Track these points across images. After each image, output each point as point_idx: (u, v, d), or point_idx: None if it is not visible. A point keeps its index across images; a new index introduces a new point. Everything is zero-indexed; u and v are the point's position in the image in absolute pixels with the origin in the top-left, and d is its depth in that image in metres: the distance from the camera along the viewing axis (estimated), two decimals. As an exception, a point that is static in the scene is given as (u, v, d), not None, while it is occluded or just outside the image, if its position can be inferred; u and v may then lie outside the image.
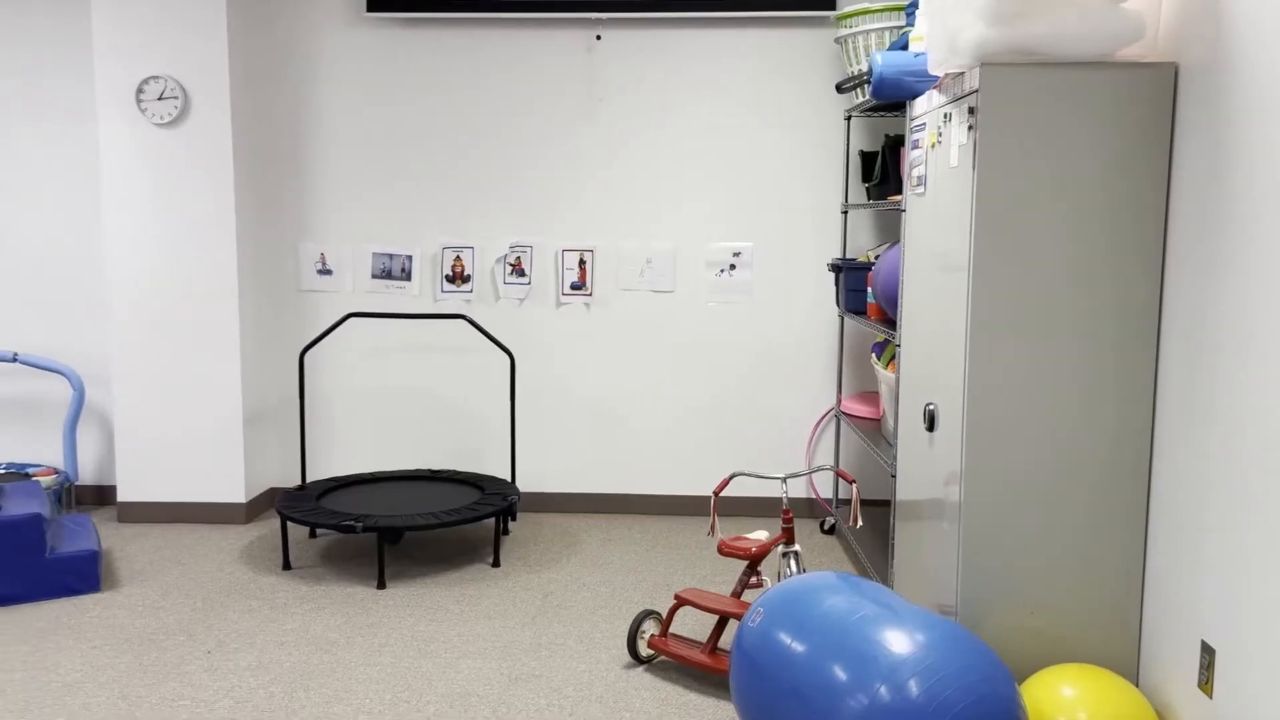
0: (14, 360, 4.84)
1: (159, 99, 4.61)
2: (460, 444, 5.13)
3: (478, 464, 5.13)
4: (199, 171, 4.68)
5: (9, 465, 4.95)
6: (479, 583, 4.11)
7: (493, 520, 4.78)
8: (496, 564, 4.31)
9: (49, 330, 5.10)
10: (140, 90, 4.61)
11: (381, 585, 4.04)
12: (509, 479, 5.05)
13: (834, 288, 4.90)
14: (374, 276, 5.06)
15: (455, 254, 5.03)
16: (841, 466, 5.01)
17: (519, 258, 5.02)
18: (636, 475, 5.11)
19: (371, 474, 4.76)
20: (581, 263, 5.01)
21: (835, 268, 4.61)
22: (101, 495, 5.20)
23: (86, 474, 5.19)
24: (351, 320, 5.06)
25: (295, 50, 4.94)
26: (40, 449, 5.17)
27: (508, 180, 4.99)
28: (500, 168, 4.98)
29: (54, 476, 4.81)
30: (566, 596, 3.98)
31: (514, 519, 4.92)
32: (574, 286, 5.03)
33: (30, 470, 4.86)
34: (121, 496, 4.87)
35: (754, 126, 4.90)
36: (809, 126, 4.89)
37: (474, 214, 5.01)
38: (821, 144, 4.89)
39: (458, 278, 5.04)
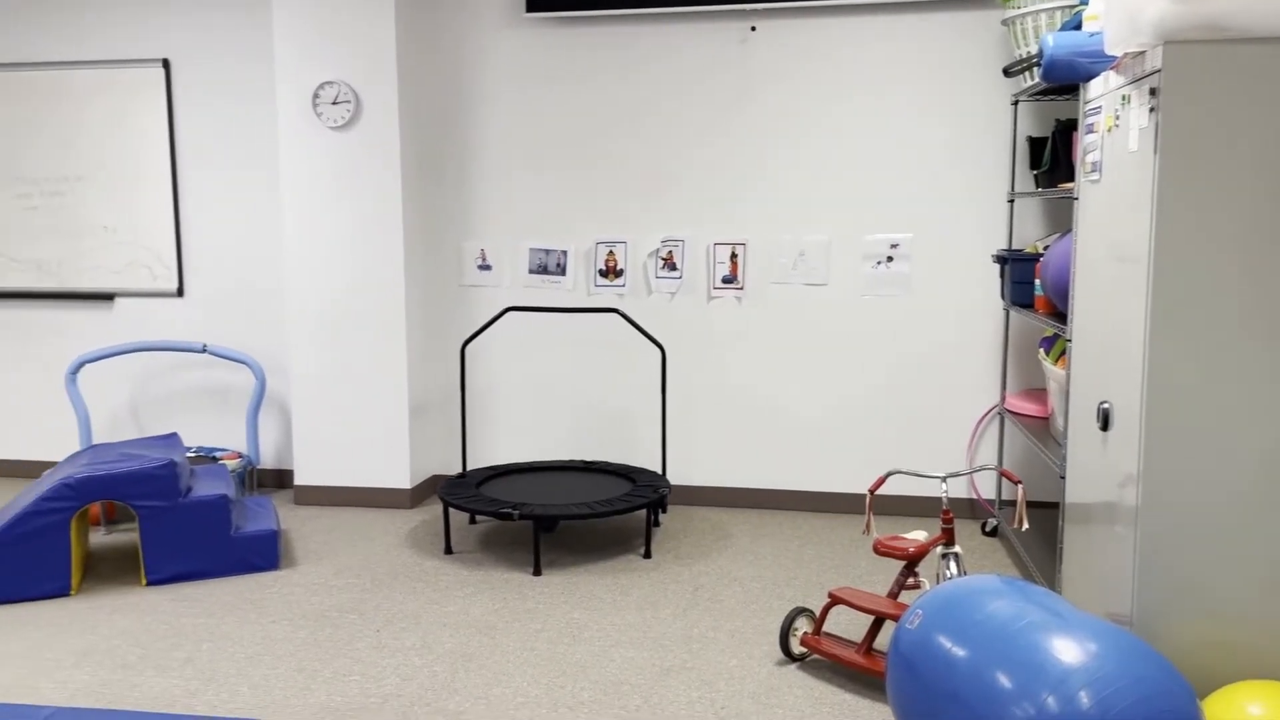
0: (204, 351, 5.20)
1: (333, 103, 4.86)
2: (612, 436, 5.20)
3: (629, 456, 5.19)
4: (369, 172, 4.90)
5: (199, 449, 5.32)
6: (630, 573, 4.16)
7: (644, 512, 4.83)
8: (648, 555, 4.35)
9: (235, 323, 5.45)
10: (316, 95, 4.86)
11: (537, 572, 4.15)
12: (660, 471, 5.08)
13: (999, 280, 4.71)
14: (531, 271, 5.18)
15: (608, 249, 5.10)
16: (1006, 466, 4.82)
17: (670, 252, 5.04)
18: (788, 470, 5.06)
19: (527, 463, 4.88)
20: (733, 256, 4.99)
21: (1001, 259, 4.43)
22: (280, 478, 5.52)
23: (267, 458, 5.53)
24: (509, 314, 5.20)
25: (457, 53, 5.11)
26: (226, 434, 5.54)
27: (660, 175, 5.02)
28: (653, 162, 5.02)
29: (238, 460, 5.14)
30: (718, 590, 3.98)
31: (664, 511, 4.96)
32: (725, 280, 5.01)
33: (217, 454, 5.21)
34: (298, 480, 5.16)
35: (913, 114, 4.77)
36: (972, 112, 4.72)
37: (627, 209, 5.07)
38: (986, 130, 4.71)
39: (610, 272, 5.11)
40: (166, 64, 5.29)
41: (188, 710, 3.00)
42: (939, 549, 3.32)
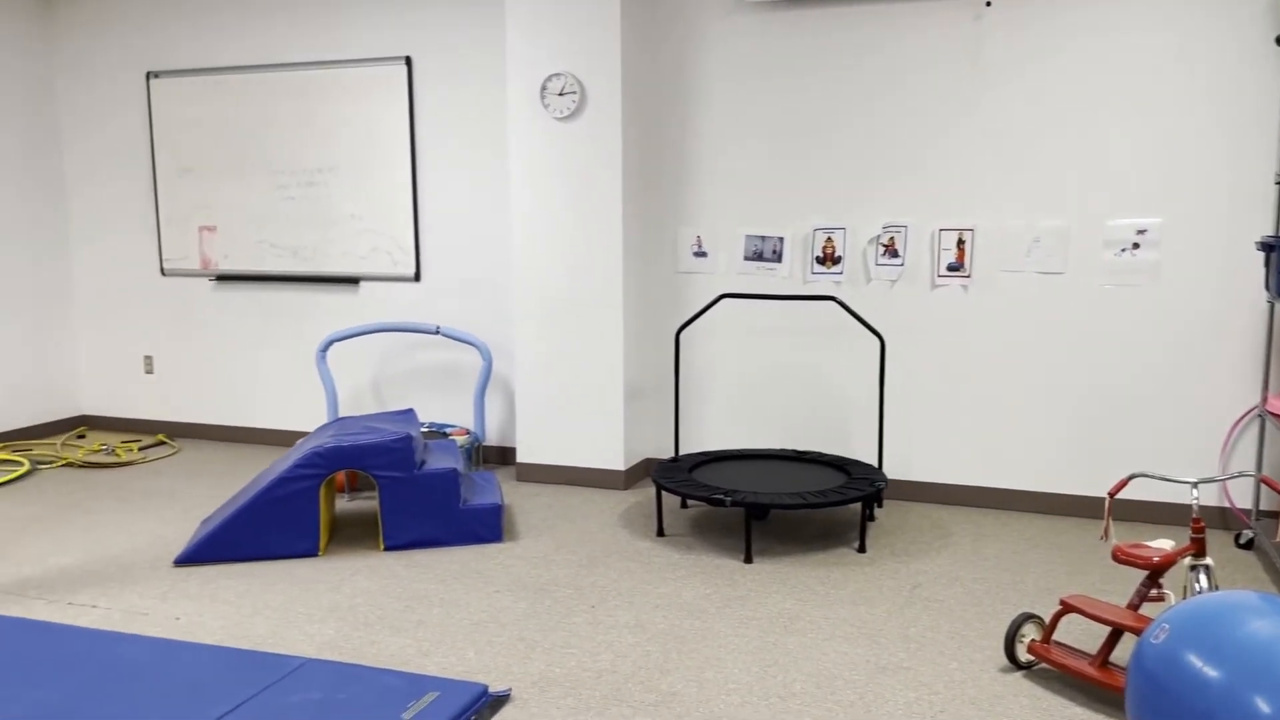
0: (436, 333, 5.50)
1: (559, 94, 5.01)
2: (826, 426, 5.11)
3: (844, 447, 5.09)
4: (592, 161, 5.03)
5: (431, 424, 5.64)
6: (844, 566, 4.07)
7: (858, 505, 4.72)
8: (862, 549, 4.25)
9: (465, 307, 5.74)
10: (544, 87, 5.03)
11: (748, 559, 4.14)
12: (876, 464, 4.95)
13: (1263, 269, 4.28)
14: (746, 258, 5.16)
15: (826, 235, 5.00)
16: (1267, 473, 4.38)
17: (892, 238, 4.88)
18: (1014, 469, 4.80)
19: (740, 450, 4.88)
20: (960, 243, 4.78)
21: (1266, 246, 4.02)
22: (504, 455, 5.78)
23: (492, 435, 5.80)
24: (724, 300, 5.20)
25: (678, 41, 5.15)
26: (456, 411, 5.85)
27: (882, 160, 4.87)
28: (874, 148, 4.87)
29: (466, 436, 5.42)
30: (937, 589, 3.83)
31: (880, 505, 4.82)
32: (951, 268, 4.81)
33: (447, 430, 5.50)
34: (520, 458, 5.38)
35: (1167, 91, 4.40)
36: (1232, 89, 4.30)
37: (846, 195, 4.95)
38: (1249, 108, 4.28)
39: (828, 259, 5.01)
40: (409, 61, 5.62)
41: (420, 669, 3.19)
42: (1187, 560, 3.06)
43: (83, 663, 3.17)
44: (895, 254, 4.89)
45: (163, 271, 6.38)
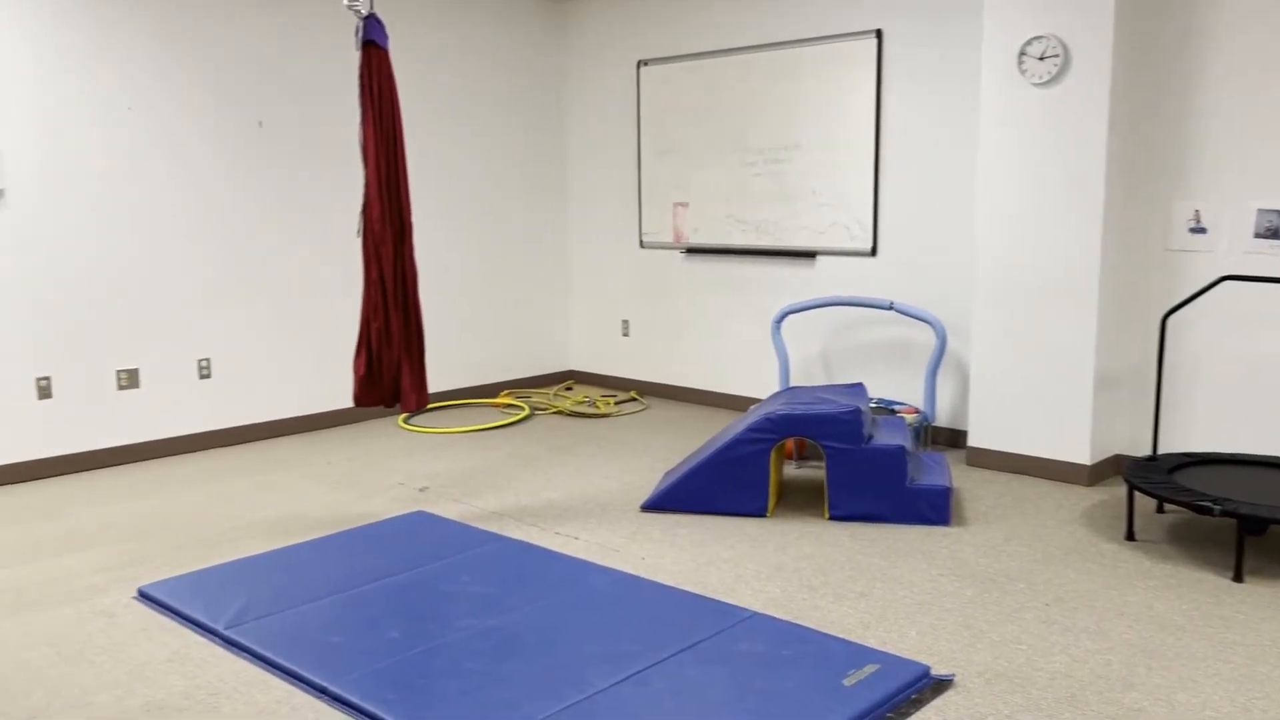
0: (890, 308, 5.45)
1: (1040, 59, 4.69)
2: (1353, 436, 4.31)
3: (1376, 462, 4.27)
4: (1070, 130, 4.66)
5: (879, 400, 5.62)
6: (1368, 603, 3.43)
7: (1392, 533, 3.94)
8: (1395, 586, 3.55)
9: (921, 283, 5.63)
10: (1023, 51, 4.74)
11: (1238, 578, 3.63)
12: None
13: None
14: (1257, 236, 4.49)
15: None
16: None
17: None
18: None
19: (1235, 455, 4.28)
20: None
21: None
22: (954, 438, 5.60)
23: (942, 416, 5.64)
24: (1225, 284, 4.58)
25: (1185, -10, 4.58)
26: (905, 389, 5.77)
27: None
28: None
29: (915, 415, 5.33)
30: None
31: None
32: None
33: (896, 407, 5.45)
34: (971, 441, 5.18)
35: None
36: None
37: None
38: None
39: (1367, 238, 4.20)
40: (879, 34, 5.59)
41: (860, 640, 3.22)
42: None
43: (568, 585, 3.61)
44: None
45: (641, 244, 6.99)
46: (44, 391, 5.11)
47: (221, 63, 5.57)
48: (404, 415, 6.49)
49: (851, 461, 4.33)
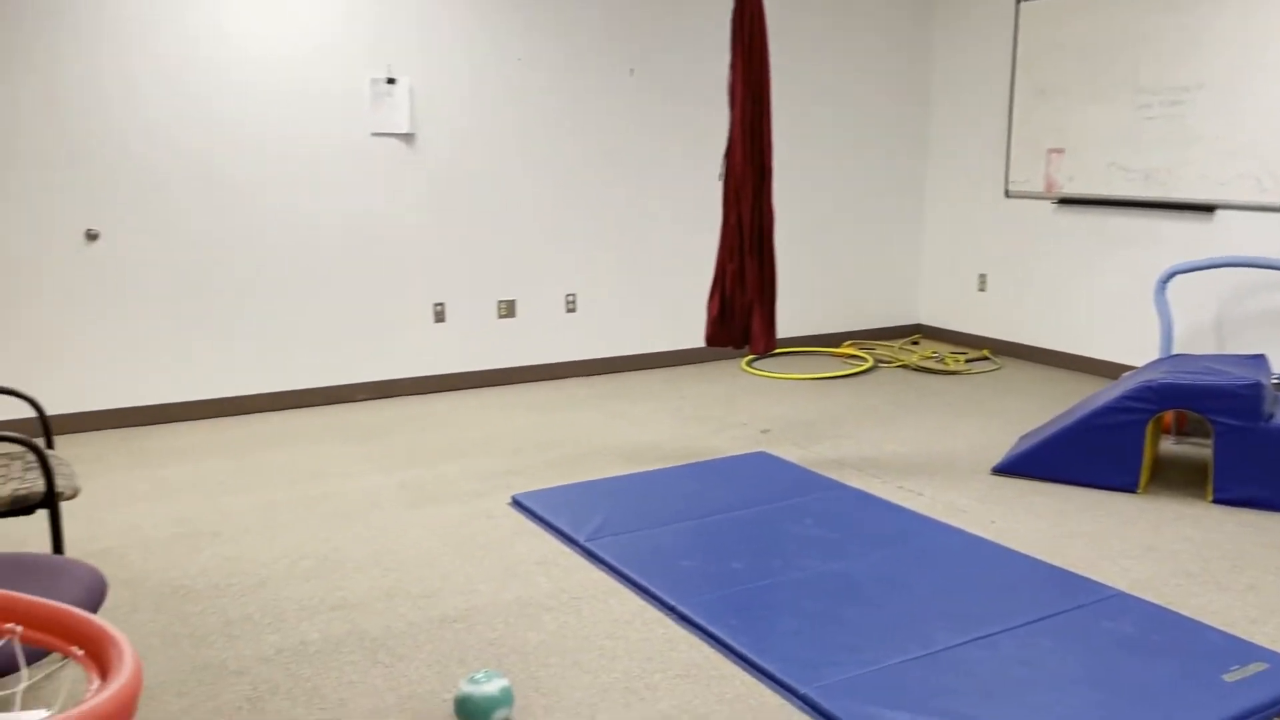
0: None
1: None
2: None
3: None
4: None
5: (1283, 376, 4.94)
6: None
7: None
8: None
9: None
10: None
11: None
12: None
13: None
14: None
15: None
16: None
17: None
18: None
19: None
20: None
21: None
22: (1376, 425, 4.81)
23: (1363, 400, 4.86)
24: None
25: None
26: (1317, 366, 5.03)
27: None
28: None
29: (1329, 396, 4.63)
30: None
31: None
32: None
33: (1304, 385, 4.77)
34: (1402, 431, 4.43)
35: None
36: None
37: None
38: None
39: None
40: (1316, -47, 4.82)
41: (1244, 635, 2.88)
42: None
43: (911, 539, 3.54)
44: None
45: (1007, 193, 6.58)
46: (439, 316, 5.75)
47: (606, 9, 5.87)
48: (749, 358, 6.62)
49: (1246, 440, 3.85)
